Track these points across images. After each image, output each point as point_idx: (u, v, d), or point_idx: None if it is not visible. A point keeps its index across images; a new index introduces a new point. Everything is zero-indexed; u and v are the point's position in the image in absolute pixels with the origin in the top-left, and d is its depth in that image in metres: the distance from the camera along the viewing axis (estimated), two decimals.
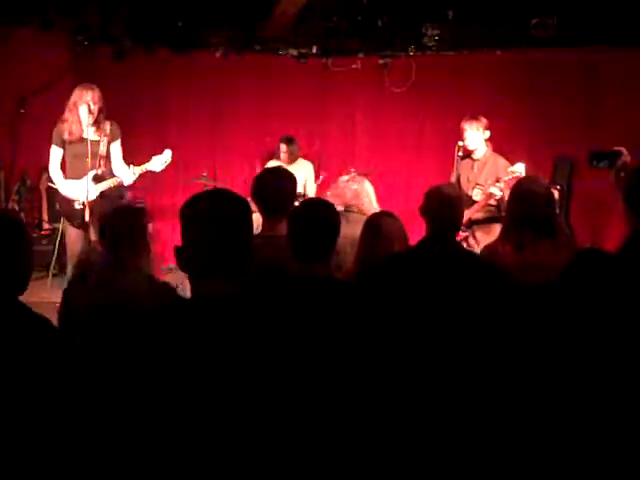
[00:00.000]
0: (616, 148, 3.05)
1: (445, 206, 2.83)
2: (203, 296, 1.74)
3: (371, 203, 3.93)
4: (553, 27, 5.93)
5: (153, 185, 6.53)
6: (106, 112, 4.88)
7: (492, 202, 4.84)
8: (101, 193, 4.80)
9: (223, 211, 1.75)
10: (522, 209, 2.99)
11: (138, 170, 4.83)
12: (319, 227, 2.33)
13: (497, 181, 4.73)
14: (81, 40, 6.79)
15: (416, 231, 4.84)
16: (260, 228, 3.00)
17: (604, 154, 3.07)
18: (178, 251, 1.75)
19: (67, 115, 4.79)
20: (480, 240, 4.68)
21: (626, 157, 3.00)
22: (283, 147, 6.59)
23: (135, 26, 6.61)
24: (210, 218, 1.74)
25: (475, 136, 4.97)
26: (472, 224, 4.90)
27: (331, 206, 2.45)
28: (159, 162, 4.89)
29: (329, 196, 3.94)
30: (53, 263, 6.03)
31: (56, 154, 4.88)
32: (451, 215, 2.85)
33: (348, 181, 3.98)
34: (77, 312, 2.84)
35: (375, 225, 3.10)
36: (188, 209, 1.76)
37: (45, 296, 5.60)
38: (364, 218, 3.45)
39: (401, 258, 2.88)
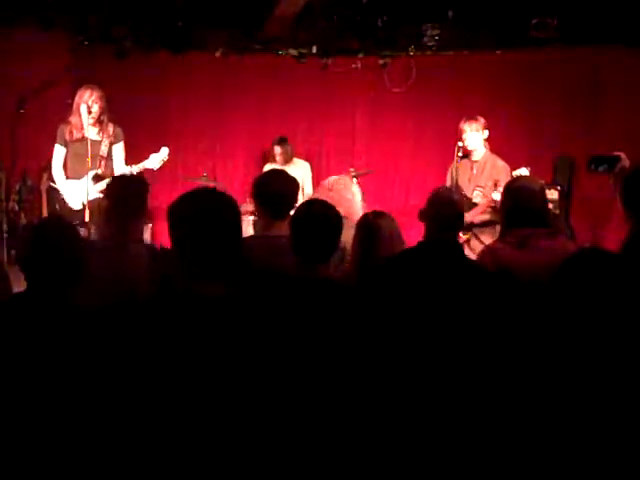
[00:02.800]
0: (615, 153, 3.04)
1: (445, 207, 2.84)
2: (196, 295, 1.73)
3: (357, 204, 3.90)
4: (553, 27, 5.92)
5: (153, 185, 6.52)
6: (109, 113, 4.90)
7: (493, 204, 4.84)
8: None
9: (209, 210, 1.76)
10: (519, 206, 2.99)
11: (136, 168, 4.85)
12: (322, 228, 2.33)
13: (496, 185, 4.73)
14: (81, 40, 6.79)
15: (414, 231, 4.86)
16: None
17: (603, 158, 3.06)
18: (169, 251, 1.76)
19: (71, 117, 4.84)
20: (485, 242, 4.68)
21: (625, 162, 3.00)
22: (277, 149, 6.57)
23: (135, 26, 6.61)
24: (196, 217, 1.74)
25: (475, 136, 4.97)
26: (474, 227, 4.90)
27: (333, 208, 2.45)
28: (156, 160, 4.89)
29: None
30: None
31: (59, 153, 4.92)
32: (450, 216, 2.86)
33: (334, 185, 3.88)
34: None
35: (372, 225, 3.09)
36: (174, 208, 1.77)
37: None
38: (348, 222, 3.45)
39: (401, 259, 2.87)
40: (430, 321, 2.50)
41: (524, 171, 4.67)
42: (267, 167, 6.45)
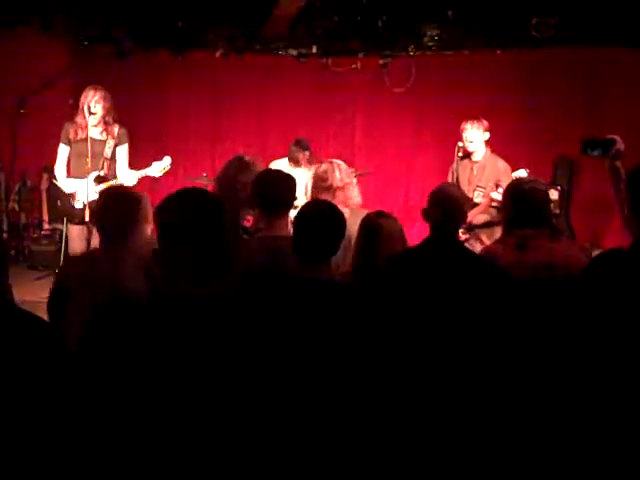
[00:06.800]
0: (609, 136, 2.97)
1: (448, 205, 2.84)
2: (182, 296, 1.73)
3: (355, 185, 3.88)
4: (553, 27, 5.92)
5: (153, 185, 6.54)
6: (115, 114, 4.95)
7: (494, 204, 4.85)
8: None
9: (192, 208, 1.77)
10: (522, 206, 2.96)
11: (137, 174, 4.91)
12: (324, 229, 2.32)
13: (497, 186, 4.74)
14: (81, 40, 6.79)
15: (415, 231, 4.86)
16: None
17: (597, 142, 2.97)
18: (157, 254, 1.77)
19: (77, 116, 4.91)
20: (486, 243, 4.68)
21: (620, 144, 2.91)
22: (307, 153, 6.12)
23: (135, 26, 6.61)
24: (179, 215, 1.76)
25: (476, 137, 4.98)
26: (474, 227, 4.91)
27: (336, 208, 2.44)
28: (158, 168, 4.95)
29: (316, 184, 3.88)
30: (61, 263, 6.01)
31: (63, 152, 4.97)
32: (454, 214, 2.86)
33: (333, 182, 3.83)
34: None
35: (374, 226, 3.08)
36: (159, 209, 1.79)
37: (45, 297, 5.59)
38: (355, 213, 3.46)
39: (403, 259, 2.87)
40: (435, 319, 2.50)
41: (523, 172, 4.68)
42: (273, 164, 6.36)
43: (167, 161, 4.98)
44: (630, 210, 2.21)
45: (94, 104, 4.80)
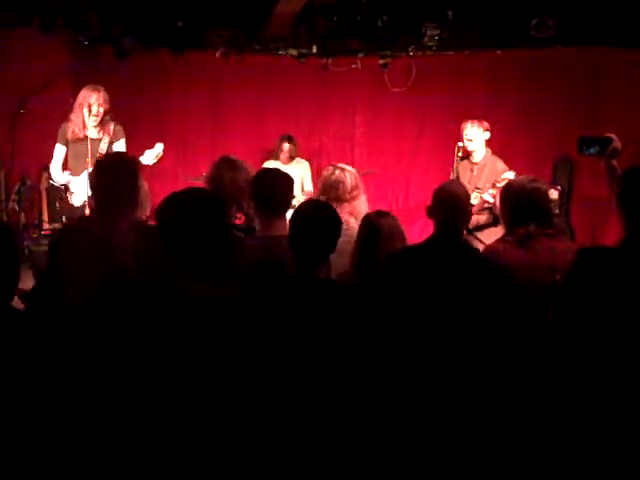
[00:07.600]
0: (606, 134, 2.96)
1: (452, 203, 2.85)
2: (192, 295, 1.74)
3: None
4: (553, 27, 5.92)
5: (152, 185, 6.53)
6: (113, 114, 4.93)
7: (486, 206, 4.86)
8: None
9: (191, 209, 1.78)
10: (523, 206, 2.96)
11: None
12: (321, 229, 2.32)
13: (493, 186, 4.74)
14: (81, 40, 6.79)
15: (415, 231, 4.86)
16: None
17: (594, 140, 2.96)
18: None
19: (72, 115, 4.87)
20: (486, 242, 4.67)
21: (617, 143, 2.91)
22: (285, 146, 6.59)
23: (135, 26, 6.61)
24: (179, 217, 1.77)
25: (476, 135, 4.97)
26: (473, 229, 4.91)
27: (332, 208, 2.45)
28: (151, 156, 4.84)
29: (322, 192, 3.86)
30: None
31: (59, 152, 4.95)
32: (458, 213, 2.87)
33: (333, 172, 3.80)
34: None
35: (374, 225, 3.08)
36: (160, 210, 1.81)
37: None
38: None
39: (403, 256, 2.87)
40: (436, 318, 2.50)
41: (510, 174, 4.67)
42: (269, 164, 6.45)
43: (159, 147, 4.85)
44: (620, 207, 2.22)
45: (96, 106, 4.77)
